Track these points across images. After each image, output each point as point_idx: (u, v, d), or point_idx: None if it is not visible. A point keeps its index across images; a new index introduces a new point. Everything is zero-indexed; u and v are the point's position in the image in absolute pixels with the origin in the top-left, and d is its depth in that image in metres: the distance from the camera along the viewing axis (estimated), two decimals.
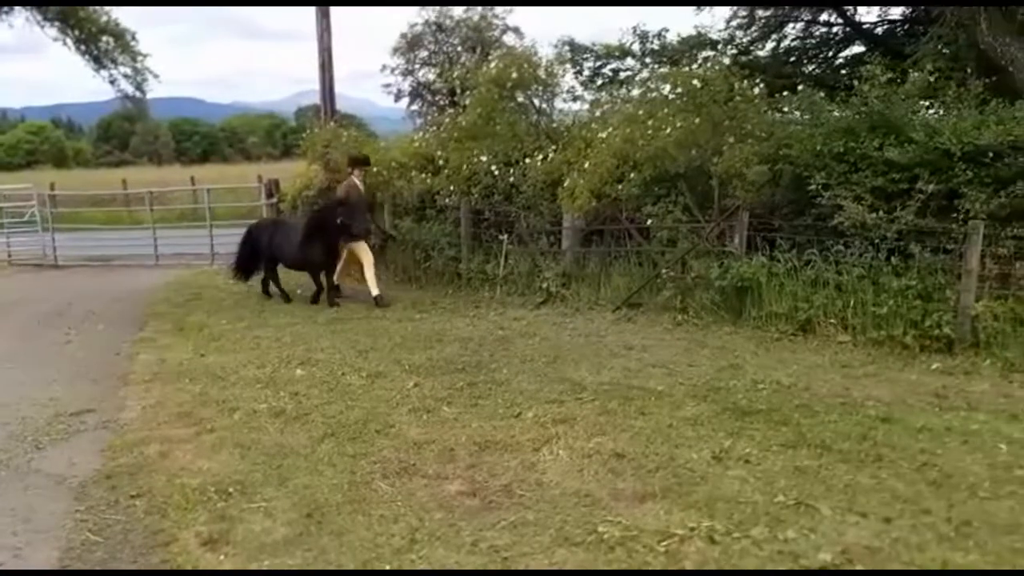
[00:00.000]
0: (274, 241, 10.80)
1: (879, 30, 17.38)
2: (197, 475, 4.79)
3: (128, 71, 33.00)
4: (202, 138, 74.35)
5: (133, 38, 32.06)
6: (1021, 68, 9.75)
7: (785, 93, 9.41)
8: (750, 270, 8.30)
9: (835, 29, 17.94)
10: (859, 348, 7.50)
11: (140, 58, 33.14)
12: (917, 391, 6.21)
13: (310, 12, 15.12)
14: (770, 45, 18.28)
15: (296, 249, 10.40)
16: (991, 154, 7.59)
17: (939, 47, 12.21)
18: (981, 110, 8.27)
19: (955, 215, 7.68)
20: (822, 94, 9.23)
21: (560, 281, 9.77)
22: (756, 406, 5.81)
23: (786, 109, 9.77)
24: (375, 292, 10.30)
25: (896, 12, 17.14)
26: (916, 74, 8.91)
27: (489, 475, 4.68)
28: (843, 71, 16.68)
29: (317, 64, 15.23)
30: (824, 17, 17.79)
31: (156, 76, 32.23)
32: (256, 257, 11.11)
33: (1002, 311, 7.08)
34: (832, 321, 7.83)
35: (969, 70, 10.15)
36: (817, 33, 18.25)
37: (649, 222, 9.43)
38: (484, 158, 10.80)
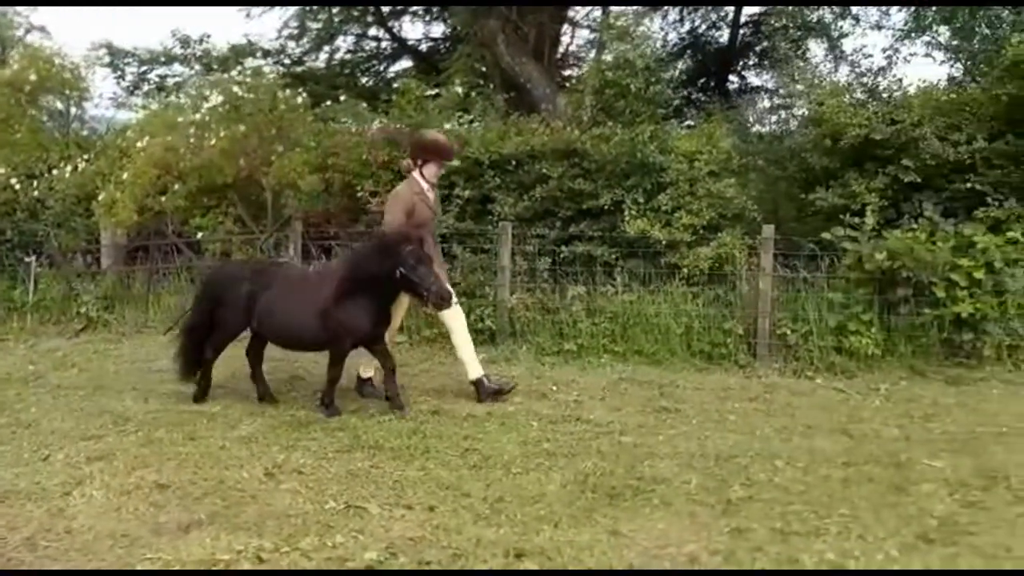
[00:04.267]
0: (260, 304, 5.96)
1: (423, 47, 18.57)
2: None
3: None
4: None
5: None
6: (536, 85, 11.02)
7: (329, 103, 9.57)
8: None
9: (384, 44, 18.80)
10: (415, 347, 7.90)
11: None
12: (464, 382, 6.64)
13: None
14: (324, 57, 18.58)
15: (312, 316, 5.80)
16: (514, 162, 8.45)
17: (472, 64, 13.36)
18: (504, 122, 9.17)
19: (490, 217, 8.43)
20: (365, 104, 9.54)
21: (102, 304, 8.89)
22: (315, 416, 5.78)
23: (336, 119, 9.94)
24: (474, 374, 6.28)
25: (437, 31, 18.48)
26: (455, 89, 9.66)
27: (9, 529, 4.01)
28: (394, 84, 17.51)
29: None
30: (373, 32, 18.55)
31: None
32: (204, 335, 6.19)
33: (531, 302, 7.93)
34: None
35: (493, 86, 11.21)
36: (368, 47, 18.96)
37: (199, 235, 9.01)
38: (1, 170, 9.46)
